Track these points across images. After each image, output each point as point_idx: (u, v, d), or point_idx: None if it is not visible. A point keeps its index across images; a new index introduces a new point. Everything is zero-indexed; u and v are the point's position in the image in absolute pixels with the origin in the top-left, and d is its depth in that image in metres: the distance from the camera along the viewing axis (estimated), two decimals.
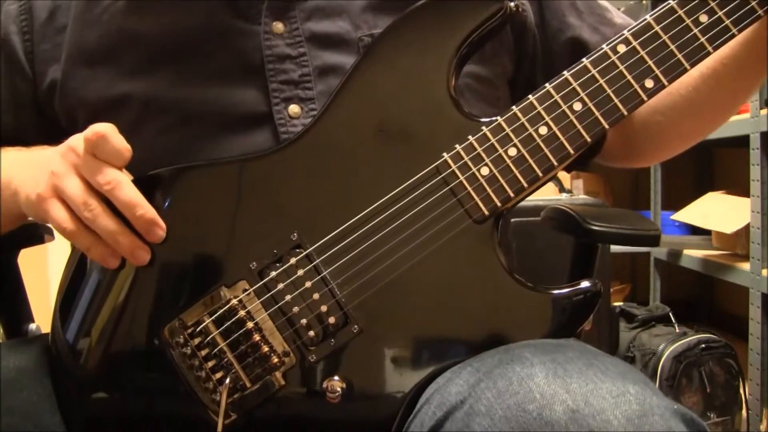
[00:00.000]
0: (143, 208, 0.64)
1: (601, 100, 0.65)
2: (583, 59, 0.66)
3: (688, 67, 0.66)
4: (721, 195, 2.35)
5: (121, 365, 0.67)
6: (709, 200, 2.36)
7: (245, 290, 0.66)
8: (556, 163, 0.65)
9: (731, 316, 2.76)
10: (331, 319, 0.65)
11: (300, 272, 0.65)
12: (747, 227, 1.99)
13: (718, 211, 2.23)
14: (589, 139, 0.65)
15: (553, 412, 0.51)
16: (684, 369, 1.95)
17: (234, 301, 0.65)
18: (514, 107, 0.66)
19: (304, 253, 0.66)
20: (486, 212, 0.65)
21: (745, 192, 2.03)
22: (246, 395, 0.65)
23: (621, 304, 2.32)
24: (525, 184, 0.65)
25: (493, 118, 0.66)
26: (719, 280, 2.24)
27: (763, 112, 1.86)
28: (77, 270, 0.69)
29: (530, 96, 0.66)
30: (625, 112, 0.66)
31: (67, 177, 0.64)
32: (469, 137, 0.66)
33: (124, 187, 0.64)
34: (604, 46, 0.66)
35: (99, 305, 0.68)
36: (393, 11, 0.73)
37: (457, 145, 0.66)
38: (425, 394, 0.62)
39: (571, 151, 0.65)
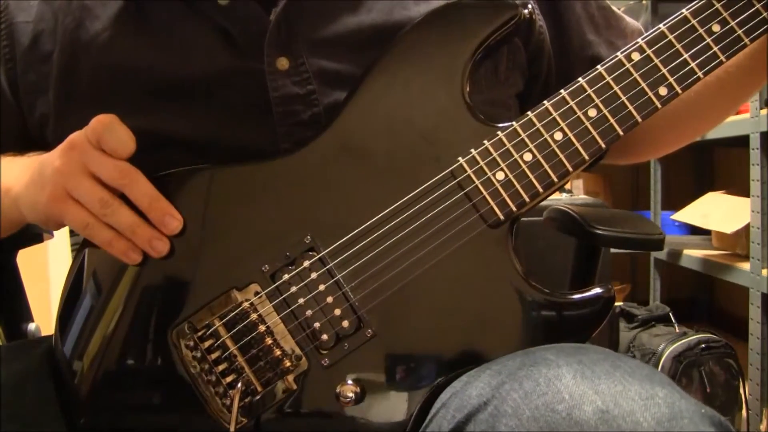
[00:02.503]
0: (159, 199, 0.64)
1: (616, 107, 0.66)
2: (598, 66, 0.67)
3: (702, 76, 0.66)
4: (721, 195, 2.35)
5: (127, 369, 0.66)
6: (709, 200, 2.36)
7: (257, 293, 0.65)
8: (571, 169, 0.66)
9: (731, 316, 2.76)
10: (345, 323, 0.64)
11: (313, 275, 0.65)
12: (747, 227, 1.99)
13: (718, 211, 2.23)
14: (603, 146, 0.66)
15: (582, 413, 0.50)
16: (684, 369, 1.95)
17: (245, 304, 0.65)
18: (529, 113, 0.66)
19: (318, 256, 0.65)
20: (501, 217, 0.65)
21: (745, 192, 2.03)
22: (257, 400, 0.64)
23: (621, 304, 2.31)
24: (540, 189, 0.66)
25: (509, 123, 0.66)
26: (719, 280, 2.24)
27: (763, 112, 1.86)
28: (79, 272, 0.69)
29: (545, 102, 0.66)
30: (640, 119, 0.66)
31: (76, 175, 0.63)
32: (485, 142, 0.66)
33: (139, 179, 0.64)
34: (618, 54, 0.67)
35: (103, 307, 0.67)
36: None
37: (472, 150, 0.66)
38: (441, 398, 0.62)
39: (586, 157, 0.66)
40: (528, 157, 0.66)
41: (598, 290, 0.67)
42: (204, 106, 0.72)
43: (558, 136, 0.66)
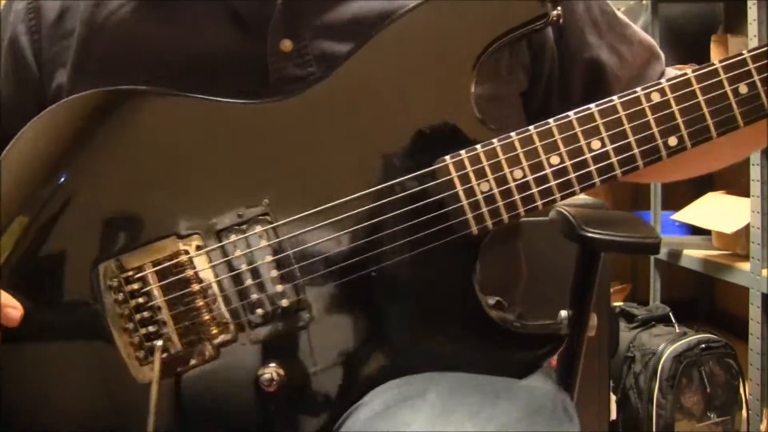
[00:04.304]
0: None
1: (621, 146, 0.62)
2: (614, 98, 0.62)
3: (715, 136, 0.62)
4: (721, 195, 2.35)
5: (43, 301, 0.62)
6: (709, 200, 2.36)
7: (198, 247, 0.61)
8: (558, 198, 0.62)
9: (731, 316, 2.76)
10: (284, 302, 0.61)
11: (262, 243, 0.61)
12: (747, 227, 1.99)
13: (718, 211, 2.23)
14: (598, 182, 0.62)
15: None
16: (684, 369, 1.94)
17: (183, 257, 0.61)
18: (531, 128, 0.62)
19: (272, 225, 0.61)
20: (475, 231, 0.61)
21: (745, 192, 2.02)
22: (172, 358, 0.61)
23: (621, 304, 2.30)
24: (521, 211, 0.62)
25: (508, 134, 0.62)
26: (719, 280, 2.23)
27: None
28: None
29: (551, 121, 0.62)
30: (641, 165, 0.62)
31: None
32: (478, 147, 0.62)
33: None
34: (638, 90, 0.62)
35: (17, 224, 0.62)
36: None
37: (463, 152, 0.61)
38: (361, 402, 0.60)
39: (577, 190, 0.62)
40: (518, 174, 0.61)
41: (548, 326, 0.65)
42: (208, 85, 0.70)
43: (555, 160, 0.62)
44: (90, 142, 0.64)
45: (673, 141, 0.62)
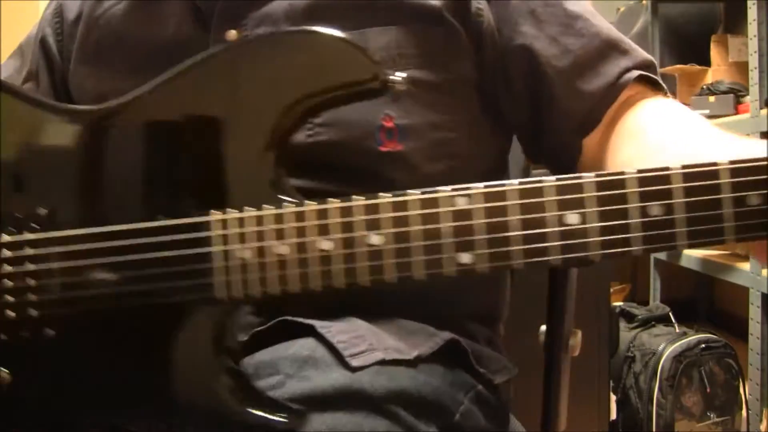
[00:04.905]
0: None
1: (402, 249, 0.52)
2: (416, 192, 0.52)
3: (516, 265, 0.51)
4: None
5: None
6: None
7: None
8: (318, 287, 0.54)
9: (731, 316, 2.77)
10: (33, 312, 0.60)
11: (28, 251, 0.60)
12: None
13: None
14: (367, 282, 0.53)
15: None
16: (684, 369, 1.95)
17: None
18: (312, 204, 0.54)
19: (42, 236, 0.60)
20: (223, 298, 0.56)
21: None
22: None
23: (621, 304, 2.32)
24: (276, 292, 0.54)
25: (285, 204, 0.55)
26: (719, 280, 2.24)
27: (764, 112, 1.86)
28: None
29: (337, 201, 0.53)
30: (422, 275, 0.52)
31: None
32: (249, 210, 0.55)
33: None
34: (445, 189, 0.52)
35: None
36: (332, 17, 0.71)
37: (233, 211, 0.56)
38: None
39: (334, 285, 0.53)
40: (283, 250, 0.54)
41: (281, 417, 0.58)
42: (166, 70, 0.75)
43: (325, 245, 0.53)
44: None
45: (464, 258, 0.51)
